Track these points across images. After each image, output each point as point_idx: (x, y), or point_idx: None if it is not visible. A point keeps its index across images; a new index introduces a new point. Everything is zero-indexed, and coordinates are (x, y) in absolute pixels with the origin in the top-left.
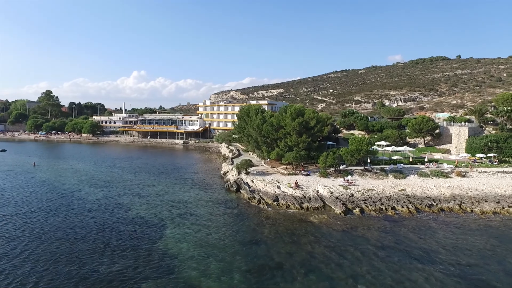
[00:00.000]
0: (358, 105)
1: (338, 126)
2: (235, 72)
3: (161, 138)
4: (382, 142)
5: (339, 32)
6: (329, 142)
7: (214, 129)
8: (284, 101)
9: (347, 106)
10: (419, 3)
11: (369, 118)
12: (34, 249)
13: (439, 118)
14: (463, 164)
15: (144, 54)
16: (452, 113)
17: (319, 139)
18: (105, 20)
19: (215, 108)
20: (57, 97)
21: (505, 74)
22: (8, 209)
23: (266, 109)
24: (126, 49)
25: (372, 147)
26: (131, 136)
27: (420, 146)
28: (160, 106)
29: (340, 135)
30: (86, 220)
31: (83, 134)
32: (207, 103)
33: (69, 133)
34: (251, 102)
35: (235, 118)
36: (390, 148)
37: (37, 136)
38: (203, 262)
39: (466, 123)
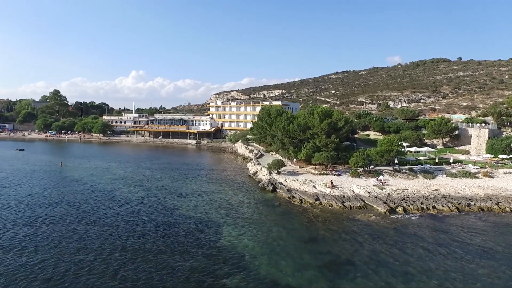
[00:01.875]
0: (363, 106)
1: (354, 127)
2: (234, 72)
3: (173, 138)
4: (402, 143)
5: (339, 32)
6: (354, 144)
7: (226, 129)
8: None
9: (352, 107)
10: (419, 3)
11: (383, 119)
12: (104, 245)
13: (452, 120)
14: (487, 164)
15: (144, 54)
16: (464, 114)
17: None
18: (105, 20)
19: (227, 109)
20: (65, 97)
21: (507, 76)
22: (62, 209)
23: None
24: (125, 49)
25: (402, 148)
26: (142, 136)
27: (438, 147)
28: (161, 106)
29: (355, 136)
30: (140, 219)
31: (93, 134)
32: (218, 103)
33: (79, 133)
34: (264, 102)
35: (250, 118)
36: (412, 149)
37: (47, 136)
38: (272, 258)
39: (483, 124)
